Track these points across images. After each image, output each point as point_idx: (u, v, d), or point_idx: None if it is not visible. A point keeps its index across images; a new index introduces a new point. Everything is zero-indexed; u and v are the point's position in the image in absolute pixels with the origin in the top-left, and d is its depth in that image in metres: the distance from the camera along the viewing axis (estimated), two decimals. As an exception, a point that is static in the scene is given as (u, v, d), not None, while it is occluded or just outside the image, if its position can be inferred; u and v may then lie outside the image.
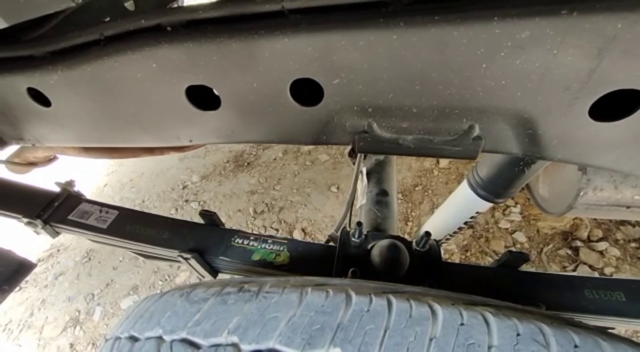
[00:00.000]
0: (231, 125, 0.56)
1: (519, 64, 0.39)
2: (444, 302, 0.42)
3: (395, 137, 0.51)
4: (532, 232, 2.25)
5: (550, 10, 0.34)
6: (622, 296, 0.86)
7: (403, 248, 0.89)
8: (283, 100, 0.49)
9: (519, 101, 0.43)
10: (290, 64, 0.45)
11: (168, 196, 2.49)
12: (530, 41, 0.37)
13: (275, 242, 1.01)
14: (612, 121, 0.42)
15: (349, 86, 0.46)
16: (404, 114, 0.48)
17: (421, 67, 0.42)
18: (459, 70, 0.41)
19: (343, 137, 0.54)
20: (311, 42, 0.42)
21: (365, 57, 0.42)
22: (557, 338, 0.38)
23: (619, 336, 0.47)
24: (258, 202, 2.37)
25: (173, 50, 0.46)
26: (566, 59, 0.38)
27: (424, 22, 0.38)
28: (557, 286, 0.89)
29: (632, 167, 0.48)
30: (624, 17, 0.34)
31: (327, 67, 0.44)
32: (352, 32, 0.40)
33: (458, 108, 0.46)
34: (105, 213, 1.02)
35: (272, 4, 0.43)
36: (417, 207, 2.39)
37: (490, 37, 0.37)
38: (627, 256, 2.08)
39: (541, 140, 0.47)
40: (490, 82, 0.41)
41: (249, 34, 0.43)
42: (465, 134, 0.48)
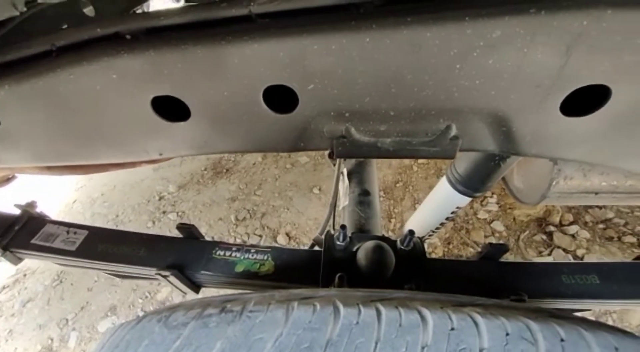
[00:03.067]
0: (203, 136, 0.53)
1: (492, 64, 0.39)
2: (432, 307, 0.41)
3: (373, 141, 0.51)
4: (509, 221, 2.33)
5: (519, 9, 0.34)
6: (596, 279, 0.90)
7: (388, 249, 0.89)
8: (256, 109, 0.47)
9: (493, 100, 0.43)
10: (261, 71, 0.43)
11: (144, 208, 2.39)
12: (502, 40, 0.37)
13: (259, 252, 0.98)
14: (582, 116, 0.43)
15: (324, 91, 0.44)
16: (381, 117, 0.47)
17: (396, 70, 0.41)
18: (434, 71, 0.40)
19: (321, 143, 0.52)
20: (282, 47, 0.40)
21: (339, 61, 0.41)
22: (544, 333, 0.39)
23: (597, 323, 0.48)
24: (239, 209, 2.31)
25: (134, 59, 0.43)
26: (536, 57, 0.38)
27: (396, 24, 0.37)
28: (536, 274, 0.92)
29: (602, 159, 0.49)
30: (588, 14, 0.34)
31: (300, 73, 0.42)
32: (324, 36, 0.39)
33: (434, 109, 0.45)
34: (73, 234, 0.95)
35: (238, 9, 0.41)
36: (399, 204, 2.42)
37: (462, 37, 0.37)
38: (596, 237, 2.20)
39: (516, 137, 0.48)
40: (464, 82, 0.41)
41: (216, 40, 0.41)
42: (443, 134, 0.48)
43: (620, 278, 0.87)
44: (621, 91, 0.40)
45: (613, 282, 0.87)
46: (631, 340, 0.43)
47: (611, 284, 0.87)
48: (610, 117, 0.43)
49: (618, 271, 0.89)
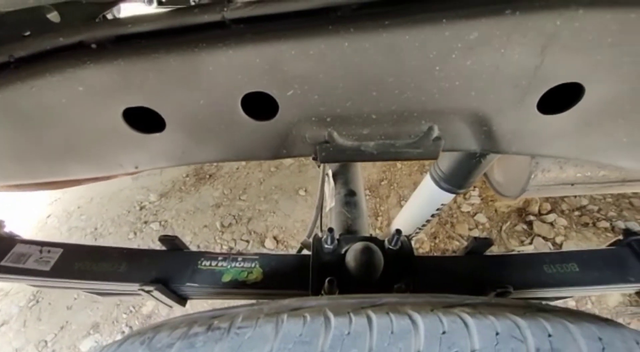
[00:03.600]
0: (181, 147, 0.51)
1: (470, 65, 0.39)
2: (423, 310, 0.41)
3: (357, 145, 0.50)
4: (491, 213, 2.39)
5: (495, 10, 0.35)
6: (575, 267, 0.93)
7: (376, 249, 0.89)
8: (235, 117, 0.46)
9: (473, 100, 0.43)
10: (238, 78, 0.41)
11: (124, 219, 2.30)
12: (479, 42, 0.37)
13: (246, 259, 0.96)
14: (558, 113, 0.44)
15: (304, 97, 0.43)
16: (363, 120, 0.47)
17: (376, 73, 0.40)
18: (414, 74, 0.40)
19: (304, 148, 0.51)
20: (259, 53, 0.39)
21: (318, 66, 0.40)
22: (532, 330, 0.39)
23: (581, 314, 0.49)
24: (224, 215, 2.27)
25: (101, 70, 0.40)
26: (513, 57, 0.38)
27: (374, 27, 0.36)
28: (519, 265, 0.94)
29: (578, 153, 0.51)
30: (561, 14, 0.35)
31: (279, 79, 0.41)
32: (302, 41, 0.38)
33: (416, 111, 0.45)
34: (47, 253, 0.90)
35: (211, 14, 0.39)
36: (385, 201, 2.44)
37: (440, 39, 0.37)
38: (573, 224, 2.29)
39: (496, 136, 0.48)
40: (444, 83, 0.41)
41: (189, 47, 0.39)
42: (426, 135, 0.48)
43: (598, 265, 0.91)
44: (593, 89, 0.41)
45: (592, 269, 0.90)
46: (613, 329, 0.44)
47: (590, 271, 0.90)
48: (584, 113, 0.44)
49: (596, 258, 0.92)
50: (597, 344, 0.40)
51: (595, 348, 0.40)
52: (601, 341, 0.41)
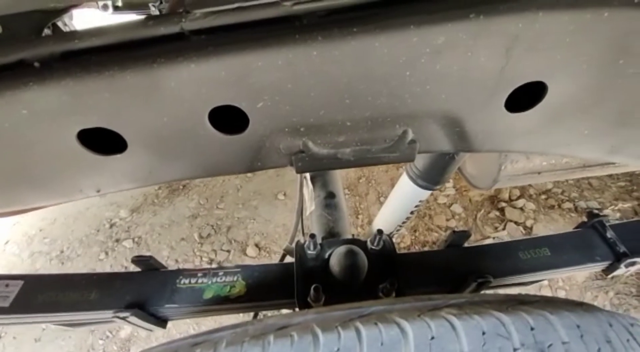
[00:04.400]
0: (147, 167, 0.47)
1: (440, 69, 0.39)
2: (410, 316, 0.41)
3: (333, 153, 0.49)
4: (466, 202, 2.48)
5: (460, 14, 0.35)
6: (547, 251, 0.97)
7: (359, 251, 0.88)
8: (203, 132, 0.43)
9: (444, 103, 0.44)
10: (203, 93, 0.39)
11: (93, 239, 2.16)
12: (446, 46, 0.37)
13: (228, 273, 0.93)
14: (524, 111, 0.46)
15: (275, 108, 0.41)
16: (338, 128, 0.46)
17: (348, 81, 0.39)
18: (385, 80, 0.40)
19: (279, 160, 0.49)
20: (223, 65, 0.37)
21: (287, 76, 0.38)
22: (515, 325, 0.40)
23: (559, 302, 0.51)
24: (202, 225, 2.19)
25: (47, 91, 0.37)
26: (480, 60, 0.39)
27: (342, 35, 0.35)
28: (496, 254, 0.97)
29: (544, 147, 0.53)
30: (523, 17, 0.35)
31: (247, 91, 0.39)
32: (268, 51, 0.36)
33: (390, 116, 0.45)
34: (5, 287, 0.82)
35: (168, 26, 0.36)
36: (365, 199, 2.46)
37: (409, 45, 0.36)
38: (541, 207, 2.42)
39: (468, 136, 0.49)
40: (416, 88, 0.41)
41: (146, 63, 0.36)
42: (401, 139, 0.48)
43: (567, 248, 0.96)
44: (555, 86, 0.43)
45: (562, 252, 0.95)
46: (588, 314, 0.46)
47: (561, 254, 0.95)
48: (548, 110, 0.46)
49: (565, 241, 0.97)
50: (575, 331, 0.42)
51: (574, 335, 0.41)
52: (579, 328, 0.42)
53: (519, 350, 0.37)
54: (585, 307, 0.50)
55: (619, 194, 2.38)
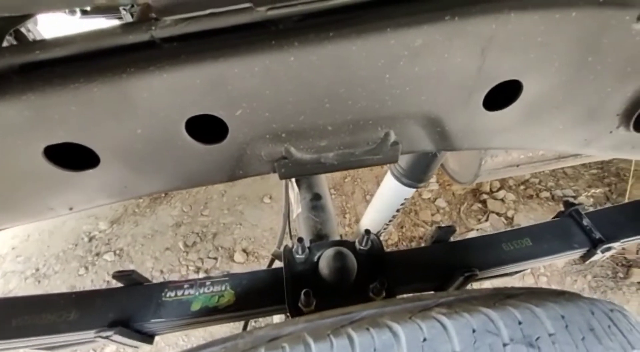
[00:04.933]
0: (122, 181, 0.45)
1: (418, 71, 0.39)
2: (402, 319, 0.41)
3: (316, 157, 0.48)
4: (450, 196, 2.53)
5: (435, 17, 0.35)
6: (529, 241, 1.00)
7: (348, 253, 0.88)
8: (180, 143, 0.42)
9: (425, 104, 0.44)
10: (178, 102, 0.37)
11: (71, 254, 2.07)
12: (424, 48, 0.37)
13: (215, 283, 0.91)
14: (502, 109, 0.46)
15: (254, 115, 0.40)
16: (320, 133, 0.45)
17: (327, 85, 0.39)
18: (365, 83, 0.39)
19: (262, 167, 0.48)
20: (198, 74, 0.35)
21: (265, 82, 0.37)
22: (504, 321, 0.41)
23: (543, 293, 0.53)
24: (187, 233, 2.14)
25: (6, 106, 0.34)
26: (457, 61, 0.39)
27: (319, 39, 0.35)
28: (481, 247, 0.99)
29: (522, 143, 0.54)
30: (496, 18, 0.36)
31: (224, 99, 0.38)
32: (244, 58, 0.35)
33: (371, 119, 0.45)
34: (-26, 313, 0.77)
35: (137, 34, 0.35)
36: (351, 198, 2.47)
37: (387, 48, 0.36)
38: (520, 198, 2.50)
39: (449, 135, 0.49)
40: (395, 90, 0.41)
41: (114, 73, 0.34)
42: (383, 141, 0.48)
43: (547, 237, 0.99)
44: (530, 84, 0.44)
45: (543, 241, 0.98)
46: (571, 304, 0.47)
47: (542, 244, 0.98)
48: (524, 107, 0.47)
49: (545, 231, 1.00)
50: (560, 322, 0.43)
51: (559, 326, 0.42)
52: (564, 319, 0.43)
53: (509, 345, 0.38)
54: (567, 297, 0.52)
55: (592, 181, 2.49)
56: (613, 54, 0.42)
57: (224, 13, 0.34)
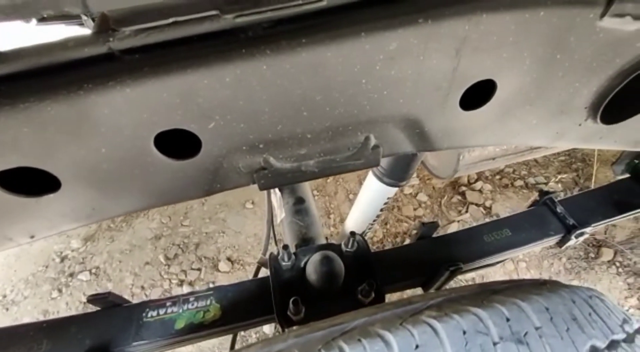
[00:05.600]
0: (88, 203, 0.42)
1: (394, 74, 0.39)
2: (392, 326, 0.40)
3: (296, 166, 0.47)
4: (430, 190, 2.59)
5: (409, 20, 0.34)
6: (508, 232, 1.03)
7: (335, 257, 0.87)
8: (150, 160, 0.39)
9: (402, 107, 0.44)
10: (144, 118, 0.35)
11: (42, 277, 1.94)
12: (399, 51, 0.36)
13: (199, 298, 0.88)
14: (478, 108, 0.47)
15: (228, 127, 0.38)
16: (299, 141, 0.44)
17: (303, 93, 0.38)
18: (342, 89, 0.38)
19: (240, 179, 0.46)
20: (164, 87, 0.33)
21: (238, 93, 0.35)
22: (492, 319, 0.41)
23: (525, 285, 0.54)
24: (167, 246, 2.06)
25: (-55, 132, 0.30)
26: (432, 63, 0.39)
27: (291, 46, 0.33)
28: (464, 240, 1.01)
29: (499, 140, 0.55)
30: (469, 20, 0.36)
31: (195, 113, 0.36)
32: (213, 68, 0.33)
33: (351, 124, 0.44)
34: None
35: (93, 47, 0.32)
36: (334, 198, 2.47)
37: (362, 53, 0.35)
38: (496, 187, 2.59)
39: (428, 136, 0.49)
40: (373, 94, 0.40)
41: (69, 91, 0.31)
42: (364, 145, 0.47)
43: (525, 226, 1.03)
44: (504, 83, 0.44)
45: (521, 231, 1.02)
46: (554, 295, 0.49)
47: (520, 233, 1.02)
48: (499, 105, 0.48)
49: (523, 220, 1.04)
50: (545, 315, 0.44)
51: (544, 319, 0.43)
52: (548, 311, 0.44)
53: (499, 344, 0.38)
54: (549, 287, 0.53)
55: (561, 168, 2.61)
56: (579, 50, 0.43)
57: (188, 21, 0.32)
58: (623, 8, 0.39)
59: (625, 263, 2.05)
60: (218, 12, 0.31)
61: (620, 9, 0.39)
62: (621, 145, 0.64)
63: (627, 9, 0.39)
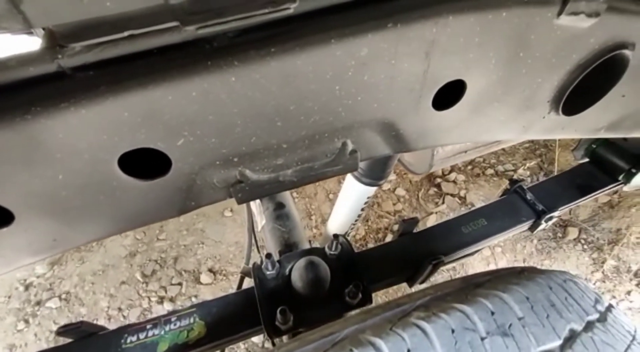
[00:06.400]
0: (49, 234, 0.38)
1: (367, 79, 0.38)
2: (383, 331, 0.40)
3: (274, 176, 0.46)
4: (407, 185, 2.64)
5: (378, 25, 0.34)
6: (484, 221, 1.07)
7: (320, 261, 0.87)
8: (116, 183, 0.36)
9: (377, 111, 0.43)
10: (105, 139, 0.32)
11: (4, 308, 1.79)
12: (370, 56, 0.36)
13: (182, 317, 0.84)
14: (450, 108, 0.48)
15: (199, 143, 0.36)
16: (275, 152, 0.43)
17: (276, 104, 0.36)
18: (315, 97, 0.38)
19: (216, 194, 0.44)
20: (124, 105, 0.31)
21: (207, 107, 0.34)
22: (478, 314, 0.42)
23: (504, 275, 0.56)
24: (144, 262, 1.96)
25: None
26: (403, 66, 0.39)
27: (260, 56, 0.32)
28: (443, 233, 1.04)
29: (470, 137, 0.56)
30: (436, 22, 0.36)
31: (161, 130, 0.34)
32: (178, 83, 0.31)
33: (327, 131, 0.43)
34: None
35: (40, 64, 0.29)
36: (314, 199, 2.46)
37: (334, 60, 0.35)
38: (469, 177, 2.69)
39: (404, 138, 0.50)
40: (347, 101, 0.40)
41: (15, 115, 0.28)
42: (341, 151, 0.47)
43: (499, 214, 1.07)
44: (472, 82, 0.45)
45: (496, 219, 1.06)
46: (532, 283, 0.51)
47: (495, 222, 1.06)
48: (469, 104, 0.49)
49: (496, 209, 1.08)
50: (526, 304, 0.45)
51: (526, 309, 0.45)
52: (528, 300, 0.46)
53: (486, 339, 0.39)
54: (526, 275, 0.55)
55: (526, 154, 2.76)
56: (540, 48, 0.45)
57: (146, 34, 0.29)
58: (577, 6, 0.41)
59: (589, 239, 2.19)
60: (178, 24, 0.29)
61: (575, 7, 0.41)
62: (581, 133, 0.68)
63: (580, 7, 0.41)
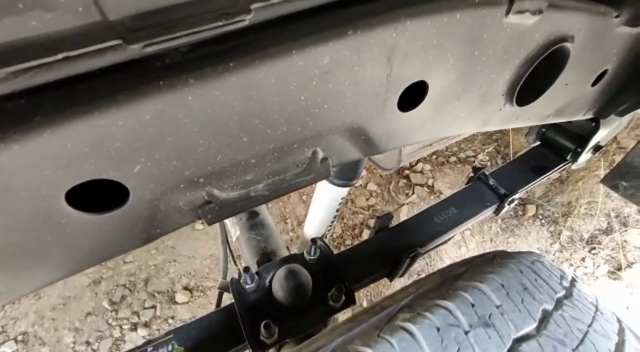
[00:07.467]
0: (-11, 285, 0.34)
1: (332, 87, 0.38)
2: (371, 339, 0.40)
3: (245, 193, 0.44)
4: (378, 179, 2.70)
5: (339, 32, 0.33)
6: (454, 210, 1.12)
7: (300, 268, 0.86)
8: (65, 220, 0.32)
9: (345, 117, 0.43)
10: (46, 175, 0.28)
11: (-50, 361, 1.58)
12: (333, 64, 0.35)
13: (158, 346, 0.79)
14: (414, 108, 0.48)
15: (159, 168, 0.34)
16: (243, 168, 0.40)
17: (239, 119, 0.34)
18: (280, 109, 0.36)
19: (183, 218, 0.42)
20: (66, 136, 0.27)
21: (163, 129, 0.31)
22: (460, 309, 0.43)
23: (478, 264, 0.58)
24: (110, 289, 1.82)
25: None
26: (367, 72, 0.39)
27: (218, 72, 0.30)
28: (417, 225, 1.07)
29: (436, 133, 0.58)
30: (395, 27, 0.36)
31: (114, 159, 0.30)
32: (127, 107, 0.28)
33: (296, 142, 0.42)
34: None
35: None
36: (288, 203, 2.44)
37: (296, 70, 0.33)
38: (435, 166, 2.81)
39: (373, 140, 0.50)
40: (314, 110, 0.39)
41: None
42: (312, 160, 0.46)
43: (466, 202, 1.12)
44: (434, 82, 0.46)
45: (464, 207, 1.11)
46: (505, 269, 0.53)
47: (464, 209, 1.10)
48: (432, 103, 0.50)
49: (464, 197, 1.13)
50: (502, 292, 0.47)
51: (502, 296, 0.47)
52: (504, 287, 0.48)
53: (470, 332, 0.40)
54: (498, 261, 0.58)
55: (484, 140, 2.93)
56: (492, 45, 0.47)
57: (85, 55, 0.26)
58: (523, 5, 0.43)
59: (545, 214, 2.38)
60: (121, 42, 0.26)
61: (521, 6, 0.43)
62: (533, 121, 0.72)
63: (525, 5, 0.44)
